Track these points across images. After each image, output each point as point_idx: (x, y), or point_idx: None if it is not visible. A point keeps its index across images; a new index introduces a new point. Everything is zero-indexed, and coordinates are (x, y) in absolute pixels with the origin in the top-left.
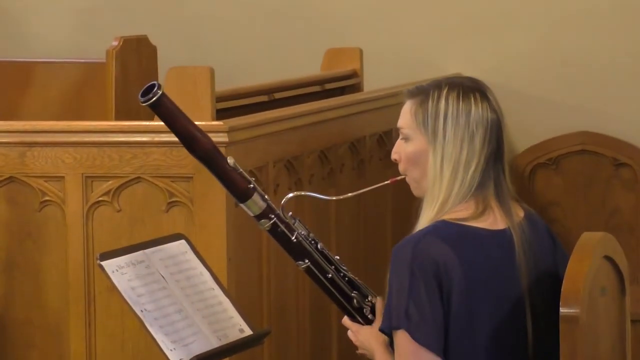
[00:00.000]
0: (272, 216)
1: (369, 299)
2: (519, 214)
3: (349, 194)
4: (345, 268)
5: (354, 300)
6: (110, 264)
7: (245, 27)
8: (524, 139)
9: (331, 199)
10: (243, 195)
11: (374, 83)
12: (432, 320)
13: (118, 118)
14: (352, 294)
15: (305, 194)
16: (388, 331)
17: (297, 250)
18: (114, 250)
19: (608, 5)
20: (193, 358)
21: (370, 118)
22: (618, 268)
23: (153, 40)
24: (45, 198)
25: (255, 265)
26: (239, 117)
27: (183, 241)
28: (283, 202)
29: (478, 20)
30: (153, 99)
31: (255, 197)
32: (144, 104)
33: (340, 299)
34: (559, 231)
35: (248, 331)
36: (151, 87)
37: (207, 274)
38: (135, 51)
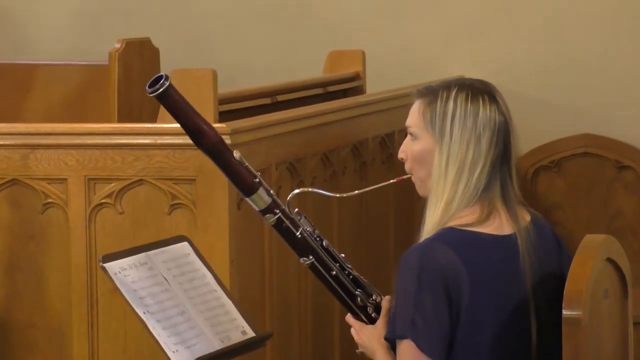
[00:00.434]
0: (277, 211)
1: (373, 297)
2: (526, 218)
3: (356, 192)
4: (350, 266)
5: (358, 299)
6: (113, 266)
7: (248, 30)
8: (526, 142)
9: (337, 195)
10: (249, 189)
11: (376, 85)
12: (438, 330)
13: (121, 120)
14: (356, 292)
15: (312, 190)
16: (392, 340)
17: (302, 246)
18: (117, 252)
19: (612, 8)
20: None
21: (373, 120)
22: (620, 270)
23: (156, 43)
24: (48, 200)
25: (257, 267)
26: (242, 120)
27: (186, 243)
28: (289, 198)
29: (481, 22)
30: (160, 90)
31: (260, 192)
32: (151, 95)
33: (343, 296)
34: (561, 234)
35: (251, 333)
36: (159, 79)
37: (210, 276)
38: (138, 53)
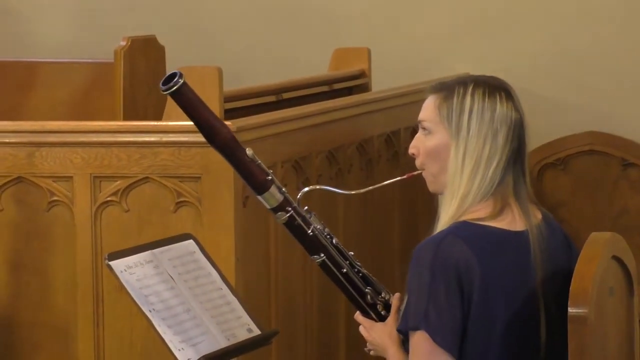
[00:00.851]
0: (289, 209)
1: (382, 295)
2: (537, 215)
3: (368, 188)
4: (359, 264)
5: (368, 296)
6: (118, 264)
7: (253, 27)
8: (532, 139)
9: (348, 193)
10: (261, 187)
11: (382, 83)
12: (451, 322)
13: (126, 118)
14: (366, 290)
15: (322, 187)
16: (405, 331)
17: (313, 244)
18: (122, 250)
19: (617, 5)
20: (201, 358)
21: (379, 118)
22: (626, 268)
23: (161, 41)
24: (54, 198)
25: (263, 265)
26: (247, 117)
27: (191, 241)
28: (299, 196)
29: (486, 20)
30: (174, 88)
31: (272, 190)
32: (164, 92)
33: (353, 294)
34: (567, 231)
35: (256, 331)
36: (172, 76)
37: (216, 274)
38: (144, 51)
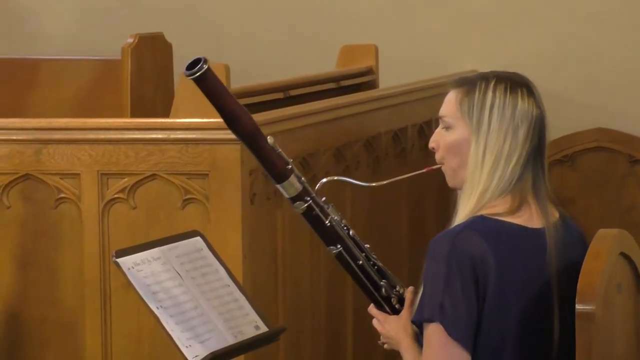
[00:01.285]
0: (308, 199)
1: (397, 288)
2: (555, 214)
3: (388, 180)
4: (375, 256)
5: (383, 289)
6: (126, 261)
7: (261, 24)
8: None
9: (367, 185)
10: (281, 175)
11: (389, 80)
12: (466, 315)
13: (133, 115)
14: (381, 283)
15: (341, 179)
16: (419, 323)
17: (330, 235)
18: (130, 247)
19: (625, 1)
20: (209, 355)
21: (386, 115)
22: (634, 265)
23: (168, 38)
24: (61, 195)
25: (270, 262)
26: (255, 114)
27: (199, 238)
28: (318, 187)
29: (494, 17)
30: (198, 73)
31: (292, 179)
32: (188, 77)
33: (368, 286)
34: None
35: (264, 328)
36: (197, 62)
37: (223, 271)
38: (151, 48)
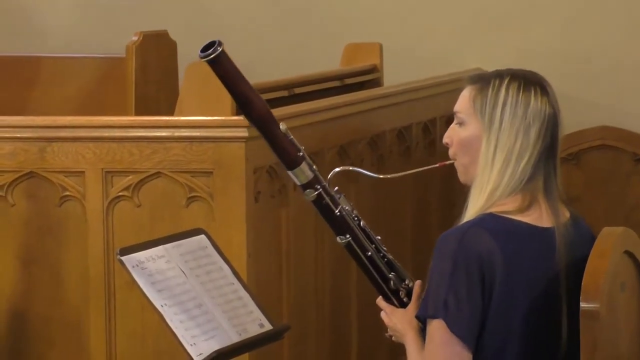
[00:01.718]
0: (319, 187)
1: (406, 282)
2: (565, 214)
3: (400, 173)
4: (385, 249)
5: (391, 282)
6: (130, 259)
7: (265, 22)
8: None
9: (379, 177)
10: (292, 162)
11: (393, 78)
12: (469, 312)
13: (138, 113)
14: (390, 275)
15: (354, 169)
16: (423, 318)
17: (340, 224)
18: (134, 245)
19: (629, 0)
20: (213, 353)
21: (390, 113)
22: (638, 263)
23: (173, 36)
24: (66, 193)
25: (275, 261)
26: None
27: (203, 236)
28: (330, 176)
29: (498, 15)
30: (212, 56)
31: (303, 166)
32: (202, 59)
33: (377, 278)
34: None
35: (268, 326)
36: (212, 44)
37: (227, 269)
38: (155, 46)
